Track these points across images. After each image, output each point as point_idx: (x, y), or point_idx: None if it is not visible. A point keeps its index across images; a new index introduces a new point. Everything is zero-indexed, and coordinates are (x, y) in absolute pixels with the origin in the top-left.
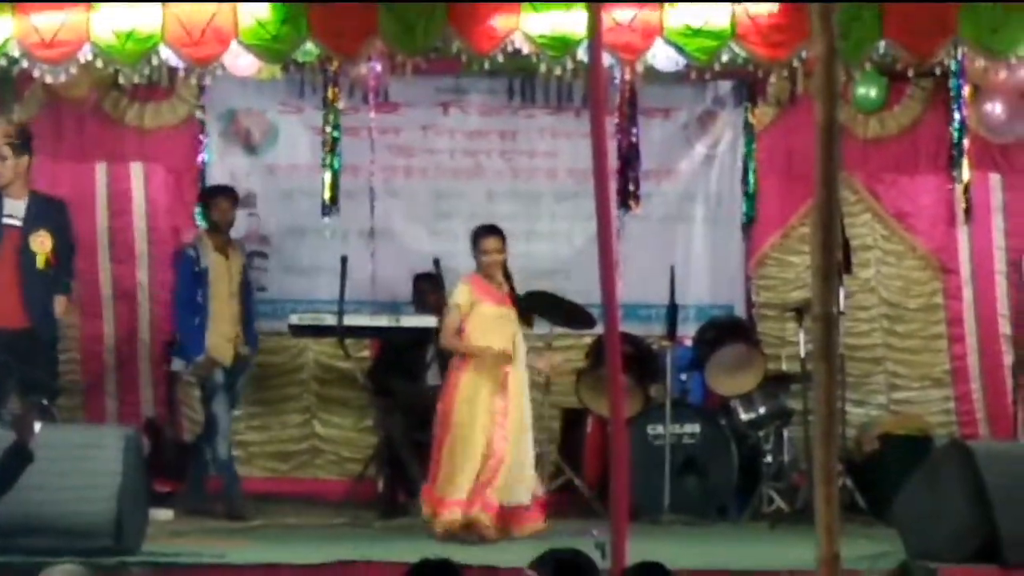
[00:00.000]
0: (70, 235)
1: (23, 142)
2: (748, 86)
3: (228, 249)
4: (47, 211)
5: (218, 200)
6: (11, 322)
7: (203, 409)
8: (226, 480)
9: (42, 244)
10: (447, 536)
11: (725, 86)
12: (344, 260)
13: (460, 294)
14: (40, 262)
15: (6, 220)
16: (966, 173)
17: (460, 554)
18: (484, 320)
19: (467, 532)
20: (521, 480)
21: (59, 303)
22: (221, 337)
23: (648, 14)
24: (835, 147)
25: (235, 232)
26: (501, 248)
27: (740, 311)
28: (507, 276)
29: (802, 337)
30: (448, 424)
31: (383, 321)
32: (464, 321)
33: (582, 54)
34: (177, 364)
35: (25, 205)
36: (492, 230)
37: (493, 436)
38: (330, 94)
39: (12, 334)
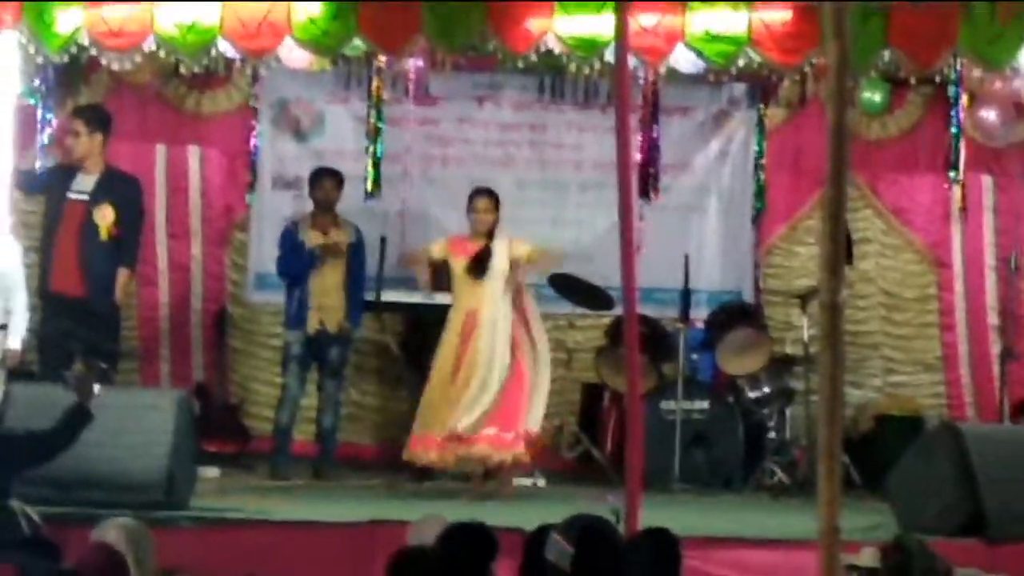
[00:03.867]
0: (138, 210)
1: (98, 120)
2: (761, 88)
3: (331, 229)
4: (116, 186)
5: (323, 180)
6: (71, 290)
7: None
8: (278, 443)
9: (104, 217)
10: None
11: (740, 88)
12: (383, 240)
13: (434, 244)
14: (103, 234)
15: (72, 195)
16: (961, 174)
17: (487, 515)
18: (459, 273)
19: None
20: (476, 411)
21: (121, 275)
22: (309, 309)
23: (671, 20)
24: (845, 147)
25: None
26: (489, 208)
27: (749, 296)
28: (490, 236)
29: (805, 322)
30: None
31: (417, 297)
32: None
33: (609, 55)
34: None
35: (96, 179)
36: (483, 191)
37: (460, 378)
38: (375, 86)
39: (72, 301)
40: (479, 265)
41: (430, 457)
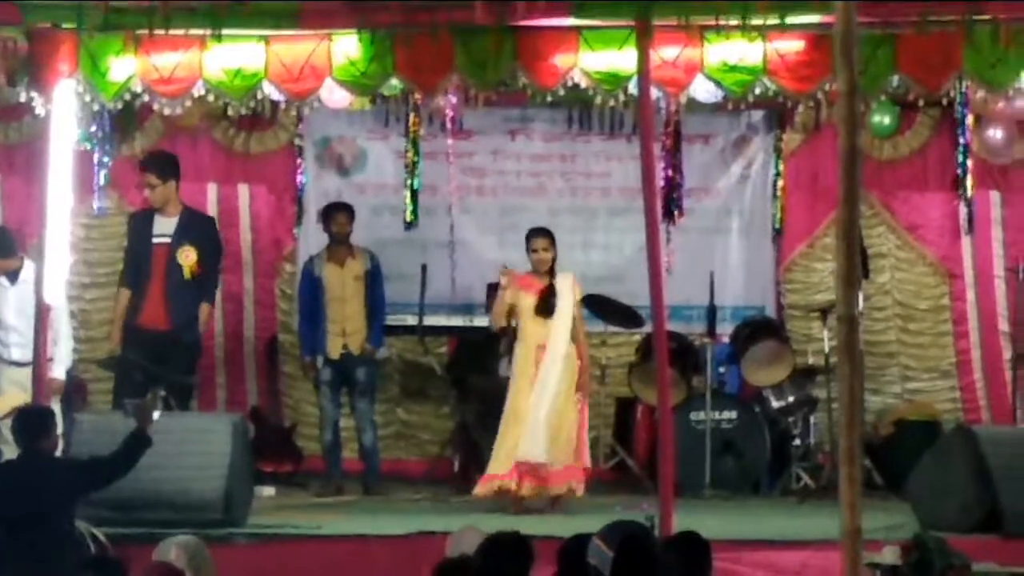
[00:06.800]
0: (216, 247)
1: (168, 167)
2: (778, 115)
3: (347, 259)
4: (195, 227)
5: (335, 215)
6: (157, 324)
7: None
8: (328, 461)
9: (187, 257)
10: (486, 499)
11: (758, 115)
12: (424, 268)
13: (504, 290)
14: (186, 273)
15: (156, 240)
16: (969, 191)
17: (526, 525)
18: (526, 310)
19: (501, 498)
20: (542, 439)
21: (203, 310)
22: (332, 335)
23: (690, 52)
24: (856, 168)
25: (327, 244)
26: (547, 247)
27: (771, 311)
28: (551, 273)
29: (826, 334)
30: (506, 407)
31: (458, 321)
32: (514, 310)
33: (633, 88)
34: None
35: (176, 222)
36: (540, 231)
37: (527, 406)
38: (412, 123)
39: (157, 335)
40: (546, 304)
41: (497, 486)
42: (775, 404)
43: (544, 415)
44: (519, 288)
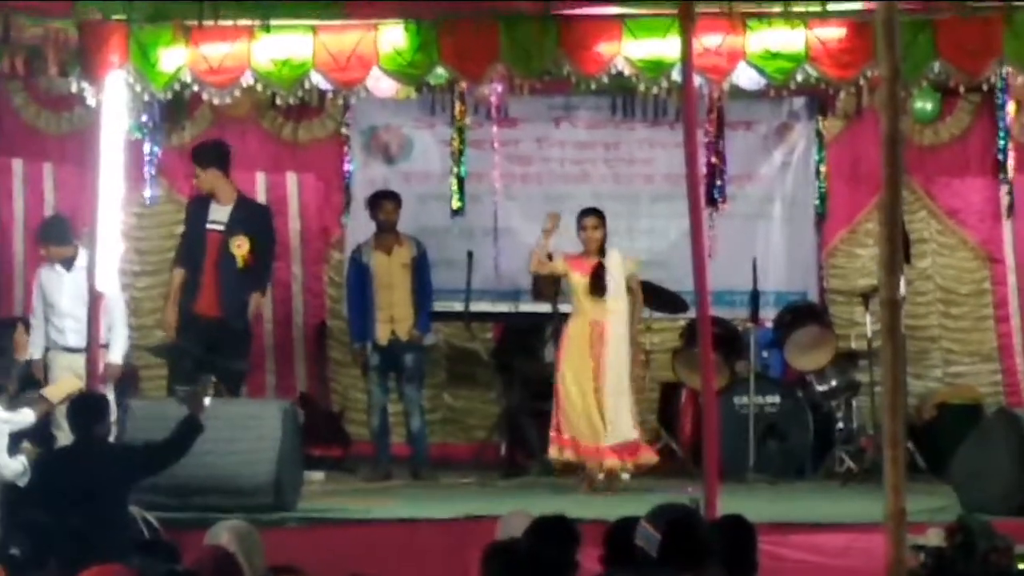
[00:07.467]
0: (269, 237)
1: (208, 156)
2: (819, 101)
3: (394, 246)
4: (249, 216)
5: (382, 203)
6: (209, 311)
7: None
8: (376, 446)
9: (240, 248)
10: (560, 469)
11: (799, 101)
12: (470, 255)
13: (557, 258)
14: (239, 263)
15: (209, 226)
16: (1010, 175)
17: (573, 508)
18: (580, 288)
19: (573, 471)
20: (616, 422)
21: (253, 299)
22: (380, 322)
23: (733, 40)
24: (898, 154)
25: (373, 231)
26: (597, 225)
27: (813, 296)
28: (602, 252)
29: (868, 319)
30: (559, 378)
31: (504, 307)
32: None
33: (676, 75)
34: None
35: (230, 211)
36: (590, 211)
37: (590, 387)
38: (458, 111)
39: (210, 321)
40: (598, 283)
41: (567, 456)
42: (818, 388)
43: (620, 395)
44: (569, 267)
